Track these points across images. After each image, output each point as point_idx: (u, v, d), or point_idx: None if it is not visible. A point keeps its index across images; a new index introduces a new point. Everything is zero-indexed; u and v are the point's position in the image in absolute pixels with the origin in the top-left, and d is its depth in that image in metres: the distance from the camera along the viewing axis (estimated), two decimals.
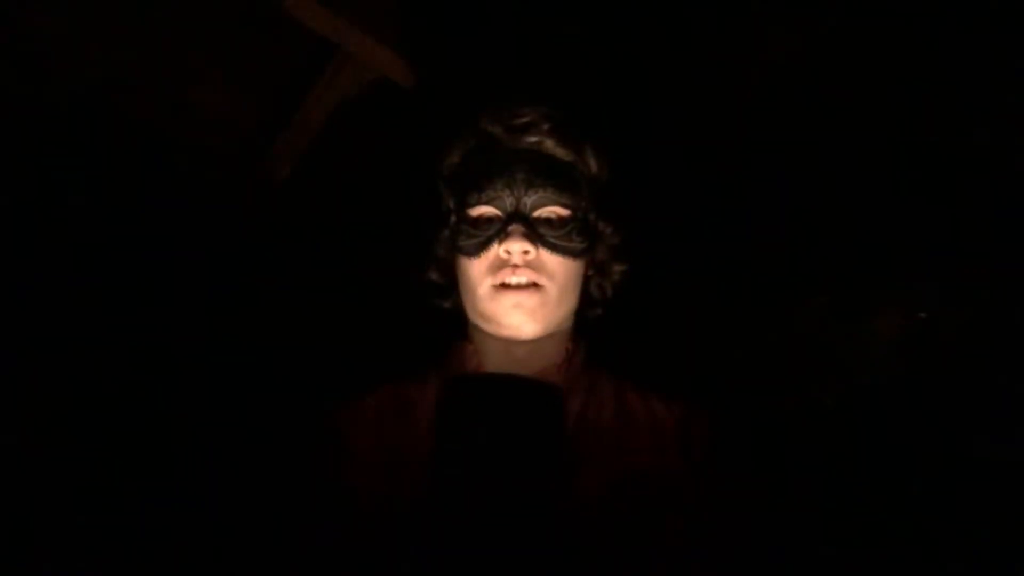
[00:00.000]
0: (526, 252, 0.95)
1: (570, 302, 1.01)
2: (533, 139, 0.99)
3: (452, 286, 1.06)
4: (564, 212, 0.98)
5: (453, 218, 1.03)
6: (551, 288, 0.97)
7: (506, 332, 0.98)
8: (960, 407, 1.20)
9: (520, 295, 0.96)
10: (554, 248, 0.97)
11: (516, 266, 0.96)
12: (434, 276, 1.08)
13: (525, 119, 1.00)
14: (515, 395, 0.73)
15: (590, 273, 1.05)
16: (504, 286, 0.96)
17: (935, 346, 1.24)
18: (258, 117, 1.34)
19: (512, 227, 0.95)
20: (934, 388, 1.21)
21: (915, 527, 1.15)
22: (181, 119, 1.30)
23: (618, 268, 1.07)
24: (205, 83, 1.29)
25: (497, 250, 0.96)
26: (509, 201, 0.97)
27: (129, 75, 1.25)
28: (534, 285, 0.96)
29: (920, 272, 1.26)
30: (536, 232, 0.96)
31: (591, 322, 1.08)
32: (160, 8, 1.22)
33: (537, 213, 0.97)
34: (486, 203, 0.98)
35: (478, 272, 0.98)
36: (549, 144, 0.99)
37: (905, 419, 1.22)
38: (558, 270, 0.97)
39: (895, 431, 1.22)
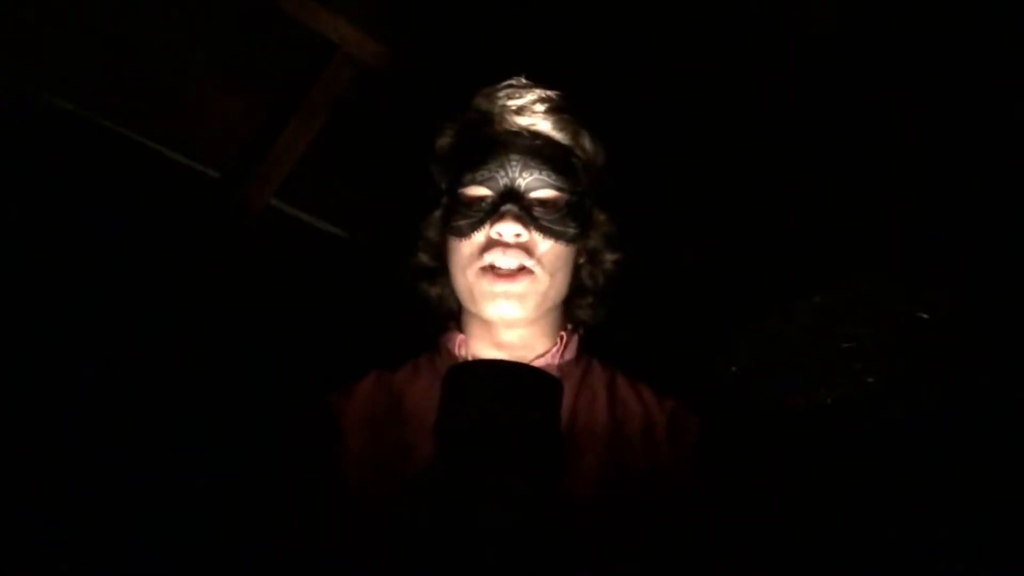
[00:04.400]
0: (518, 235, 0.95)
1: (560, 288, 1.00)
2: (528, 120, 0.98)
3: (442, 270, 1.05)
4: (558, 195, 0.97)
5: (445, 199, 1.03)
6: (541, 273, 0.96)
7: (494, 317, 0.97)
8: (960, 407, 1.19)
9: (509, 283, 0.95)
10: (546, 231, 0.96)
11: (507, 245, 0.95)
12: (424, 259, 1.07)
13: (521, 100, 0.99)
14: (518, 381, 0.74)
15: (582, 261, 1.05)
16: (493, 269, 0.96)
17: (935, 346, 1.23)
18: (258, 117, 1.34)
19: (505, 208, 0.94)
20: (934, 388, 1.21)
21: (914, 528, 1.14)
22: (178, 120, 1.30)
23: (611, 257, 1.06)
24: (203, 84, 1.29)
25: (488, 231, 0.95)
26: (503, 181, 0.96)
27: (125, 76, 1.25)
28: (523, 269, 0.95)
29: (920, 272, 1.26)
30: (529, 214, 0.95)
31: (596, 322, 1.08)
32: (156, 8, 1.22)
33: (531, 195, 0.96)
34: (479, 183, 0.97)
35: (468, 253, 0.97)
36: (545, 126, 0.98)
37: (905, 419, 1.22)
38: (549, 254, 0.96)
39: (895, 431, 1.21)
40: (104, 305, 1.23)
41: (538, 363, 1.00)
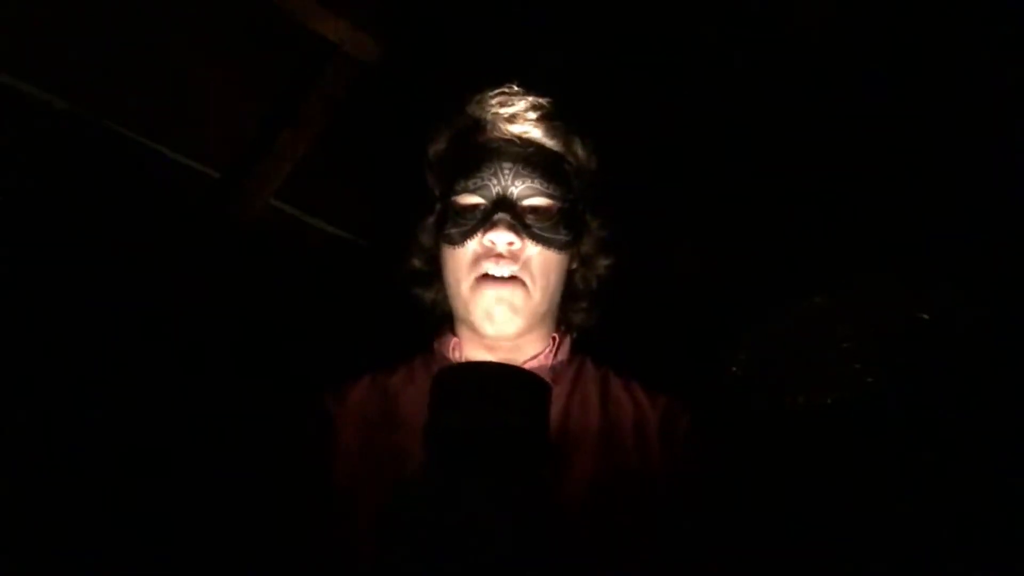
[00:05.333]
0: (511, 243, 0.95)
1: (554, 295, 1.00)
2: (521, 128, 0.98)
3: (435, 275, 1.05)
4: (551, 203, 0.97)
5: (438, 205, 1.03)
6: (534, 284, 0.96)
7: (490, 332, 0.97)
8: (961, 407, 1.19)
9: (502, 288, 0.95)
10: (539, 240, 0.96)
11: (500, 255, 0.95)
12: (417, 264, 1.07)
13: (513, 108, 0.99)
14: (506, 383, 0.74)
15: (575, 266, 1.05)
16: (486, 277, 0.96)
17: (935, 346, 1.23)
18: (258, 117, 1.34)
19: (498, 216, 0.95)
20: (934, 388, 1.21)
21: (912, 527, 1.14)
22: (178, 120, 1.30)
23: (604, 262, 1.06)
24: (203, 84, 1.29)
25: (481, 239, 0.95)
26: (495, 190, 0.96)
27: (125, 76, 1.25)
28: (517, 280, 0.96)
29: (922, 271, 1.26)
30: (522, 222, 0.95)
31: (591, 324, 1.08)
32: (156, 8, 1.22)
33: (524, 203, 0.97)
34: (472, 191, 0.97)
35: (462, 262, 0.97)
36: (537, 133, 0.99)
37: (905, 419, 1.21)
38: (542, 262, 0.96)
39: (895, 431, 1.21)
40: (104, 304, 1.23)
41: (531, 365, 1.00)
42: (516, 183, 0.96)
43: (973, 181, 1.23)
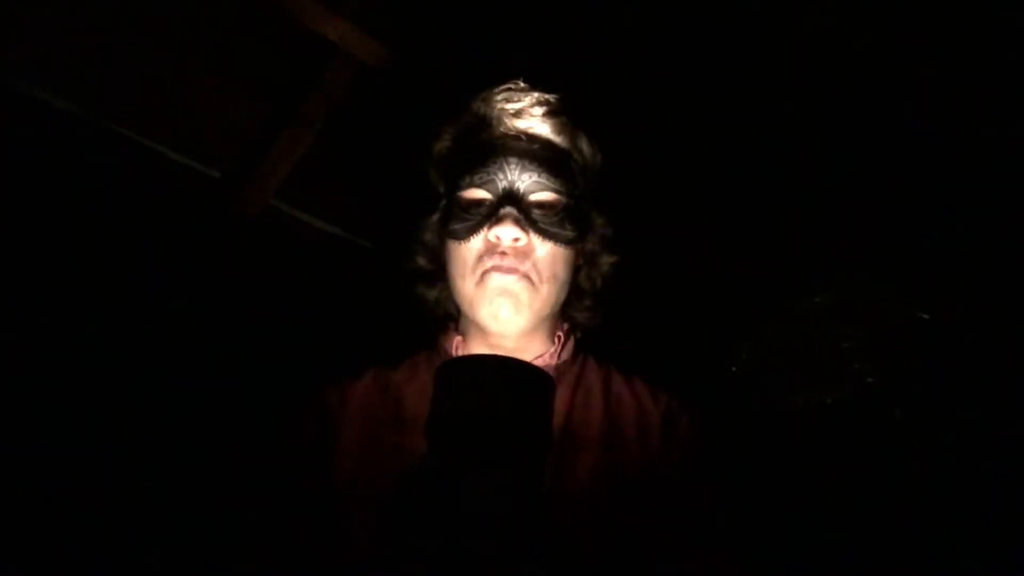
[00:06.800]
0: (517, 239, 0.94)
1: (559, 293, 1.00)
2: (527, 123, 0.99)
3: (439, 274, 1.05)
4: (557, 198, 0.97)
5: (443, 202, 1.03)
6: (540, 281, 0.96)
7: (494, 328, 0.97)
8: (960, 407, 1.19)
9: (508, 278, 0.94)
10: (545, 234, 0.96)
11: (505, 253, 0.95)
12: (421, 262, 1.06)
13: (519, 103, 0.99)
14: (508, 376, 0.74)
15: (579, 263, 1.05)
16: (492, 268, 0.95)
17: (935, 346, 1.23)
18: (258, 117, 1.34)
19: (504, 211, 0.94)
20: (934, 388, 1.21)
21: (912, 527, 1.14)
22: (178, 120, 1.30)
23: (608, 260, 1.06)
24: (203, 84, 1.29)
25: (487, 234, 0.95)
26: (502, 184, 0.96)
27: (125, 76, 1.25)
28: (524, 276, 0.95)
29: (921, 272, 1.26)
30: (528, 217, 0.95)
31: (595, 324, 1.08)
32: (157, 8, 1.22)
33: (530, 197, 0.96)
34: (478, 186, 0.97)
35: (467, 257, 0.96)
36: (543, 129, 0.99)
37: (905, 419, 1.22)
38: (549, 259, 0.96)
39: (895, 431, 1.21)
40: (104, 304, 1.23)
41: (535, 363, 1.00)
42: (522, 178, 0.96)
43: (973, 182, 1.23)
